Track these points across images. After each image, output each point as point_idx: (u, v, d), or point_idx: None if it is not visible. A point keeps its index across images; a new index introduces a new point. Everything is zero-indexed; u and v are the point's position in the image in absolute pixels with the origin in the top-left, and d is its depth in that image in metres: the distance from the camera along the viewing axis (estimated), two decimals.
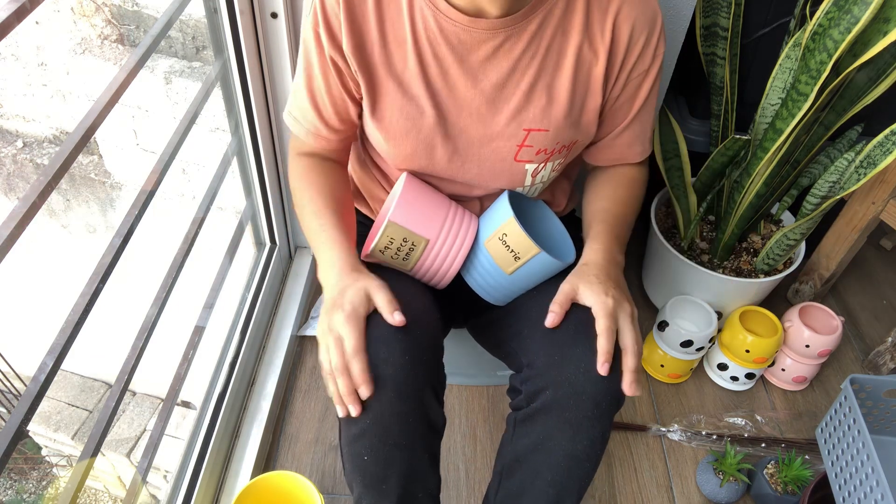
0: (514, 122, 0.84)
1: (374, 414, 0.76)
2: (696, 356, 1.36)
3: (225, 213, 2.35)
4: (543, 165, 0.88)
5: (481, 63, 0.81)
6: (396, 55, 0.81)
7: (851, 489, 1.01)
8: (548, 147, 0.86)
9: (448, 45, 0.80)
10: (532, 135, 0.85)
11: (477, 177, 0.90)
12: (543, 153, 0.87)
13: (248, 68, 1.14)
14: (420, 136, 0.85)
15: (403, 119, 0.84)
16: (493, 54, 0.81)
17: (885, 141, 1.08)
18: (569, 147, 0.89)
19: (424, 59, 0.81)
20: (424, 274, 0.89)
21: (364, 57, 0.81)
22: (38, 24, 2.24)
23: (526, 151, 0.86)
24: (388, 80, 0.82)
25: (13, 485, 4.59)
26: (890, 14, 0.92)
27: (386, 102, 0.84)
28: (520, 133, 0.84)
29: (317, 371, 1.39)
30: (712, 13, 1.21)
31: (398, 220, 0.84)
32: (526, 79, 0.82)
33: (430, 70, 0.82)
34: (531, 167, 0.88)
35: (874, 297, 1.67)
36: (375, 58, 0.81)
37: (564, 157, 0.90)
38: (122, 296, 2.05)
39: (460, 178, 0.90)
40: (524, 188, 0.92)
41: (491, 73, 0.82)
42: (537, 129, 0.84)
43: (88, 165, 2.53)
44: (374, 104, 0.84)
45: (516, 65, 0.81)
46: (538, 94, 0.83)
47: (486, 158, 0.87)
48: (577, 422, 0.80)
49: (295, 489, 1.03)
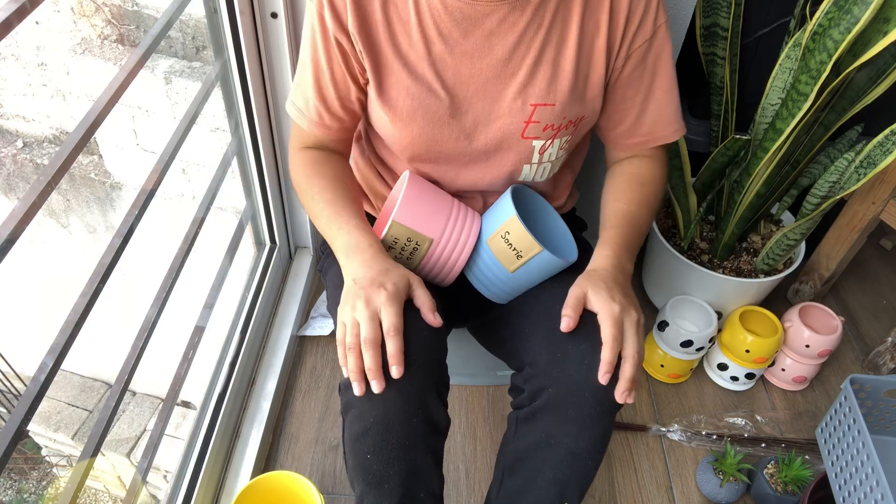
0: (520, 97, 0.84)
1: (378, 413, 0.76)
2: (696, 356, 1.36)
3: (225, 213, 2.34)
4: (551, 142, 0.88)
5: (486, 37, 0.81)
6: (401, 35, 0.81)
7: (851, 489, 1.01)
8: (555, 122, 0.86)
9: (452, 21, 0.80)
10: (538, 110, 0.84)
11: (484, 156, 0.89)
12: (550, 129, 0.86)
13: (248, 68, 1.14)
14: (427, 115, 0.85)
15: (410, 99, 0.84)
16: (498, 28, 0.80)
17: (885, 141, 1.08)
18: (576, 123, 0.88)
19: (429, 37, 0.81)
20: (428, 272, 0.89)
21: (369, 38, 0.81)
22: (38, 24, 2.24)
23: (533, 128, 0.86)
24: (394, 60, 0.82)
25: (13, 485, 4.59)
26: (890, 14, 0.92)
27: (392, 83, 0.84)
28: (526, 108, 0.84)
29: (317, 371, 1.39)
30: (712, 13, 1.21)
31: (402, 219, 0.84)
32: (531, 52, 0.82)
33: (434, 48, 0.82)
34: (538, 144, 0.87)
35: (874, 297, 1.67)
36: (380, 38, 0.81)
37: (571, 134, 0.89)
38: (122, 296, 2.05)
39: (467, 160, 0.90)
40: (531, 166, 0.90)
41: (497, 47, 0.81)
42: (543, 104, 0.84)
43: (88, 165, 2.52)
44: (380, 85, 0.84)
45: (521, 37, 0.81)
46: (544, 67, 0.83)
47: (494, 136, 0.87)
48: (579, 420, 0.80)
49: (295, 489, 1.03)
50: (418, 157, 0.90)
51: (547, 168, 0.93)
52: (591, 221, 1.22)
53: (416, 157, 0.90)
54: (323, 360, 1.42)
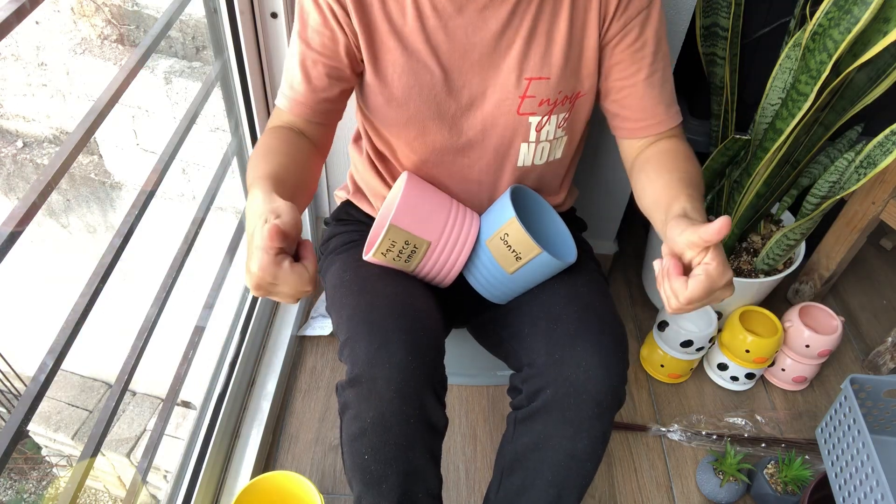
0: (514, 71, 0.83)
1: (375, 413, 0.76)
2: (696, 356, 1.35)
3: (225, 213, 2.34)
4: (547, 119, 0.87)
5: (480, 11, 0.81)
6: (395, 11, 0.81)
7: (851, 489, 1.01)
8: (550, 97, 0.85)
9: None
10: (534, 84, 0.84)
11: (481, 135, 0.88)
12: (546, 104, 0.86)
13: (248, 68, 1.14)
14: (423, 93, 0.84)
15: (406, 76, 0.83)
16: (491, 1, 0.80)
17: (885, 141, 1.08)
18: (571, 100, 0.88)
19: (423, 13, 0.81)
20: (427, 274, 0.89)
21: (364, 12, 0.81)
22: (38, 24, 2.24)
23: (529, 103, 0.85)
24: (388, 37, 0.82)
25: (13, 485, 4.59)
26: (890, 14, 0.92)
27: (388, 60, 0.83)
28: (521, 83, 0.84)
29: (317, 371, 1.39)
30: (712, 13, 1.21)
31: (400, 223, 0.83)
32: (525, 24, 0.82)
33: (429, 23, 0.81)
34: (535, 120, 0.87)
35: (874, 297, 1.67)
36: (375, 15, 0.81)
37: (569, 111, 0.89)
38: (122, 296, 2.05)
39: (464, 141, 0.89)
40: (528, 144, 0.89)
41: (491, 20, 0.81)
42: (538, 78, 0.84)
43: (88, 165, 2.52)
44: (375, 62, 0.83)
45: (515, 9, 0.81)
46: (538, 39, 0.83)
47: (490, 113, 0.86)
48: (577, 421, 0.80)
49: (295, 489, 1.03)
50: (414, 143, 0.89)
51: (546, 149, 0.91)
52: (592, 221, 1.22)
53: (412, 143, 0.89)
54: (323, 360, 1.42)
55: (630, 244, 1.70)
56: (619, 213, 1.46)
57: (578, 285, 0.89)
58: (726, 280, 0.66)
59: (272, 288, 0.63)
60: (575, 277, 0.91)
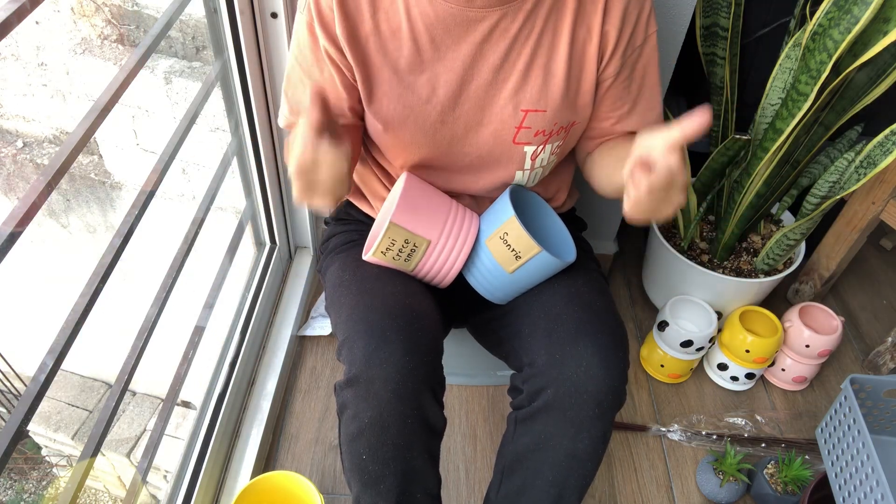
0: (511, 103, 0.83)
1: (373, 413, 0.76)
2: (696, 356, 1.35)
3: (225, 213, 2.34)
4: (542, 148, 0.88)
5: (478, 45, 0.81)
6: (391, 44, 0.81)
7: (851, 489, 1.01)
8: (546, 128, 0.86)
9: (444, 29, 0.79)
10: (530, 115, 0.84)
11: (476, 161, 0.89)
12: (542, 135, 0.86)
13: (248, 68, 1.14)
14: (418, 122, 0.84)
15: (401, 107, 0.83)
16: (490, 35, 0.80)
17: (885, 141, 1.08)
18: (566, 129, 0.88)
19: (421, 46, 0.81)
20: (426, 274, 0.89)
21: (358, 47, 0.81)
22: (38, 24, 2.24)
23: (524, 133, 0.85)
24: (383, 68, 0.82)
25: (13, 485, 4.59)
26: (890, 14, 0.92)
27: (382, 91, 0.83)
28: (517, 114, 0.84)
29: (317, 371, 1.39)
30: (712, 13, 1.21)
31: (399, 221, 0.83)
32: (522, 58, 0.82)
33: (426, 56, 0.81)
34: (530, 149, 0.87)
35: (874, 297, 1.67)
36: (370, 48, 0.81)
37: (563, 139, 0.89)
38: (122, 296, 2.05)
39: (460, 166, 0.90)
40: (524, 171, 0.90)
41: (489, 53, 0.81)
42: (535, 110, 0.84)
43: (88, 165, 2.52)
44: (370, 94, 0.84)
45: (513, 44, 0.81)
46: (535, 73, 0.83)
47: (485, 142, 0.87)
48: (578, 421, 0.80)
49: (295, 489, 1.03)
50: (411, 163, 0.90)
51: (539, 173, 0.93)
52: (592, 221, 1.22)
53: (408, 163, 0.90)
54: (323, 360, 1.42)
55: (630, 244, 1.70)
56: (618, 213, 1.46)
57: (578, 285, 0.89)
58: (684, 179, 0.68)
59: (313, 172, 0.67)
60: (575, 277, 0.91)
